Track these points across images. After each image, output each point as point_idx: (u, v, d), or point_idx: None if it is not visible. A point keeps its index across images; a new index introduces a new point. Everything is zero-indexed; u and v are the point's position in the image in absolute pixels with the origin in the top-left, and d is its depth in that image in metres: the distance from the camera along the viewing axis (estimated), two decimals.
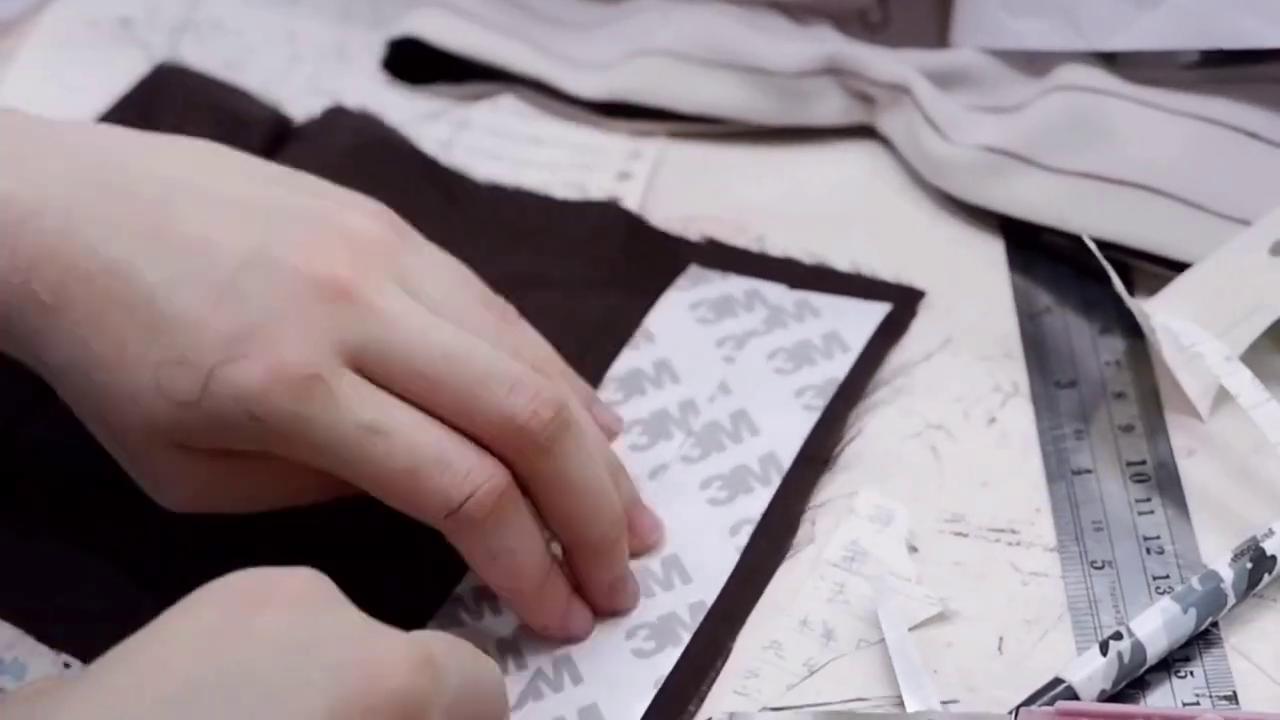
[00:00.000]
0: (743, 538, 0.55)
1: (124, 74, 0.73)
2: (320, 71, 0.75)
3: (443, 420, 0.50)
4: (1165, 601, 0.51)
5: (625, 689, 0.51)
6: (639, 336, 0.61)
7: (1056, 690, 0.49)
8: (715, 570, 0.54)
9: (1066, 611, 0.53)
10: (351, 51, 0.75)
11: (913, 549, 0.55)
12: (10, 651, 0.53)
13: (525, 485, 0.51)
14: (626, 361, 0.61)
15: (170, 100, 0.70)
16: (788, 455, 0.57)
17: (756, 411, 0.58)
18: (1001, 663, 0.52)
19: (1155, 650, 0.51)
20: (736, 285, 0.63)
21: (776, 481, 0.56)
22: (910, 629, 0.52)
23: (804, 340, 0.61)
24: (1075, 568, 0.54)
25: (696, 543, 0.55)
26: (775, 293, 0.62)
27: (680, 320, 0.62)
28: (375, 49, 0.75)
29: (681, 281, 0.63)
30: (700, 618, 0.53)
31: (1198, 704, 0.50)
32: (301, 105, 0.72)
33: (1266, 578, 0.52)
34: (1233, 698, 0.50)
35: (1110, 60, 0.67)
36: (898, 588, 0.53)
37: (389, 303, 0.50)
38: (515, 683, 0.52)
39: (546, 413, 0.50)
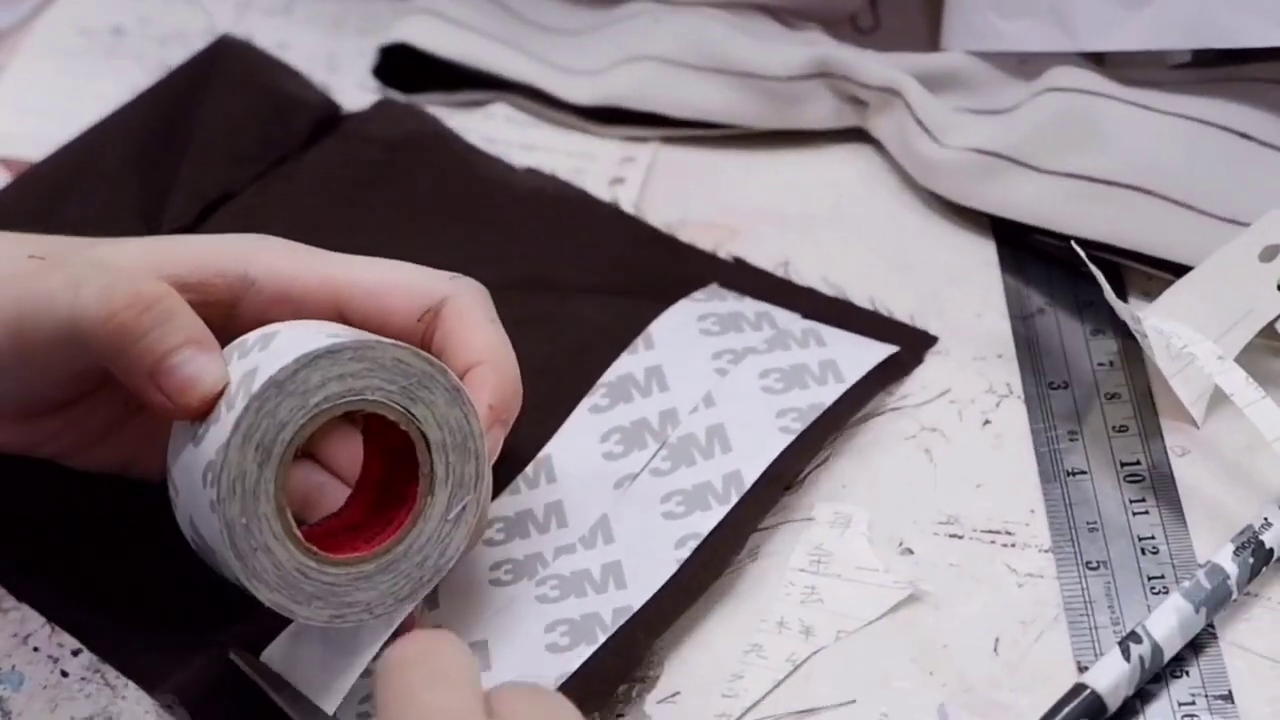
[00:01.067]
0: (685, 551, 0.55)
1: (116, 83, 0.73)
2: (311, 79, 0.74)
3: None
4: (1177, 600, 0.51)
5: (530, 681, 0.51)
6: (639, 341, 0.61)
7: (1083, 697, 0.49)
8: (650, 580, 0.54)
9: (1062, 612, 0.53)
10: (342, 60, 0.75)
11: (908, 551, 0.55)
12: (8, 660, 0.54)
13: None
14: (622, 366, 0.60)
15: (225, 75, 0.71)
16: (751, 475, 0.57)
17: (733, 428, 0.58)
18: (998, 663, 0.52)
19: (1170, 652, 0.51)
20: (750, 306, 0.62)
21: (734, 500, 0.56)
22: (884, 614, 0.53)
23: (800, 364, 0.60)
24: (1070, 569, 0.54)
25: (640, 552, 0.55)
26: (786, 318, 0.62)
27: (684, 328, 0.61)
28: (366, 57, 0.75)
29: (698, 294, 0.63)
30: (621, 622, 0.53)
31: (1193, 703, 0.50)
32: None
33: (1264, 570, 0.53)
34: (1228, 697, 0.50)
35: (1100, 61, 0.67)
36: (866, 579, 0.54)
37: None
38: None
39: None
